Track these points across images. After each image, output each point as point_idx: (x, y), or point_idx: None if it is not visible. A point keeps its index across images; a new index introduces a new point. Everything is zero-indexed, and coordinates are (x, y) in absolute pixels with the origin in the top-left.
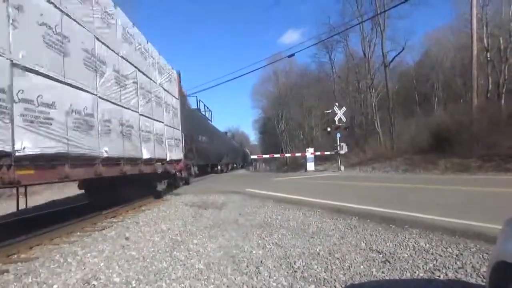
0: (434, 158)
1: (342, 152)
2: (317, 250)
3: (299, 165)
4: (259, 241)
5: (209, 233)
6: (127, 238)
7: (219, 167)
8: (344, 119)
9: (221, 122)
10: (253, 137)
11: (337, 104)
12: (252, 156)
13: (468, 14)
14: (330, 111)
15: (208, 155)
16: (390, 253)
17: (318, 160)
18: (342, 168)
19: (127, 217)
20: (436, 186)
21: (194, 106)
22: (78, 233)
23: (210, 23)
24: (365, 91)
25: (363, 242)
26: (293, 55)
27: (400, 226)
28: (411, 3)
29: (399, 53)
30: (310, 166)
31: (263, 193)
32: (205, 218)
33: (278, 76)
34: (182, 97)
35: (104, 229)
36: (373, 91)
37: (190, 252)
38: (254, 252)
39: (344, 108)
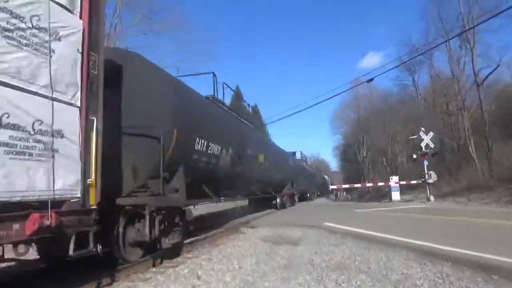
0: None
1: (431, 181)
2: None
3: (382, 194)
4: None
5: (282, 275)
6: (199, 277)
7: (277, 200)
8: (431, 144)
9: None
10: (333, 164)
11: (423, 129)
12: (331, 187)
13: None
14: (415, 136)
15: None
16: None
17: (404, 189)
18: (432, 198)
19: (203, 252)
20: None
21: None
22: (154, 269)
23: (288, 48)
24: (455, 114)
25: None
26: (372, 79)
27: (506, 278)
28: (504, 14)
29: (493, 70)
30: (395, 195)
31: (342, 228)
32: (279, 256)
33: (358, 101)
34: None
35: (178, 265)
36: (465, 113)
37: None
38: None
39: (431, 133)
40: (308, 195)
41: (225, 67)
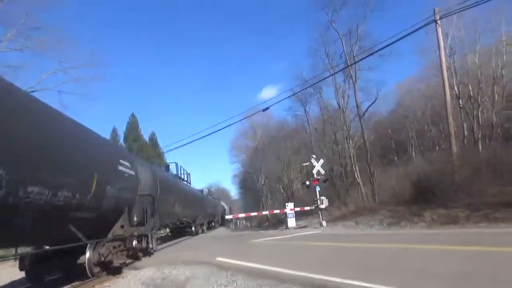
0: (418, 209)
1: (323, 206)
2: None
3: (280, 220)
4: None
5: None
6: None
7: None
8: (322, 171)
9: (201, 179)
10: (234, 191)
11: (314, 156)
12: (227, 217)
13: (435, 62)
14: (307, 163)
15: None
16: None
17: (300, 215)
18: (324, 223)
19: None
20: (434, 246)
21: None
22: None
23: (187, 79)
24: (342, 142)
25: None
26: (267, 108)
27: None
28: (380, 54)
29: (372, 103)
30: (291, 222)
31: (234, 264)
32: None
33: (255, 130)
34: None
35: None
36: (350, 141)
37: None
38: None
39: (322, 160)
40: (213, 223)
41: (118, 91)
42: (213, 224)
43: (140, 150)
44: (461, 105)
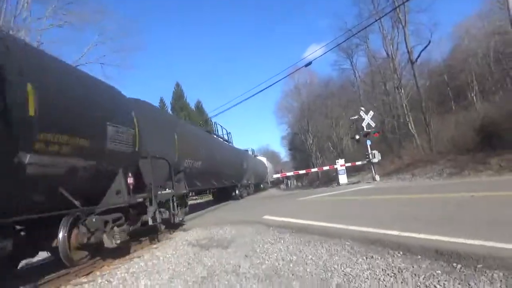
0: (483, 156)
1: (375, 160)
2: None
3: (331, 178)
4: None
5: None
6: None
7: (237, 192)
8: (372, 124)
9: (249, 142)
10: (283, 153)
11: (363, 108)
12: (275, 175)
13: None
14: (356, 117)
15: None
16: None
17: (351, 171)
18: (377, 178)
19: (105, 272)
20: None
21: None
22: None
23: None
24: (393, 92)
25: None
26: (310, 63)
27: (469, 266)
28: None
29: (425, 47)
30: (342, 178)
31: (282, 221)
32: (202, 265)
33: (299, 89)
34: None
35: None
36: (402, 91)
37: None
38: None
39: (371, 112)
40: (261, 185)
41: (160, 61)
42: (261, 186)
43: (188, 118)
44: None
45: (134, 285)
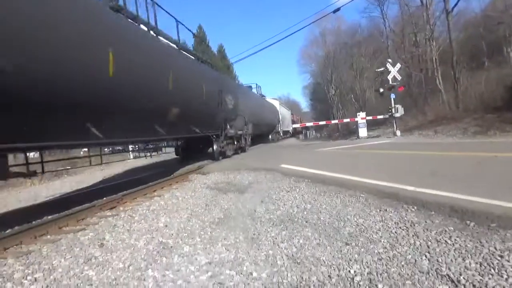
0: (511, 117)
1: (398, 115)
2: (351, 272)
3: (351, 131)
4: (270, 251)
5: (211, 234)
6: (101, 245)
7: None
8: (399, 77)
9: (271, 90)
10: (304, 104)
11: (390, 60)
12: (294, 125)
13: None
14: (382, 69)
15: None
16: (473, 284)
17: (372, 125)
18: (398, 133)
19: (128, 207)
20: None
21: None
22: (49, 236)
23: None
24: (424, 45)
25: (425, 257)
26: (338, 9)
27: (482, 225)
28: None
29: None
30: (362, 132)
31: (299, 170)
32: (218, 207)
33: (325, 36)
34: None
35: (85, 228)
36: (433, 43)
37: (168, 272)
38: (254, 275)
39: (398, 65)
40: (280, 134)
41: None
42: (269, 137)
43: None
44: None
45: (155, 221)
